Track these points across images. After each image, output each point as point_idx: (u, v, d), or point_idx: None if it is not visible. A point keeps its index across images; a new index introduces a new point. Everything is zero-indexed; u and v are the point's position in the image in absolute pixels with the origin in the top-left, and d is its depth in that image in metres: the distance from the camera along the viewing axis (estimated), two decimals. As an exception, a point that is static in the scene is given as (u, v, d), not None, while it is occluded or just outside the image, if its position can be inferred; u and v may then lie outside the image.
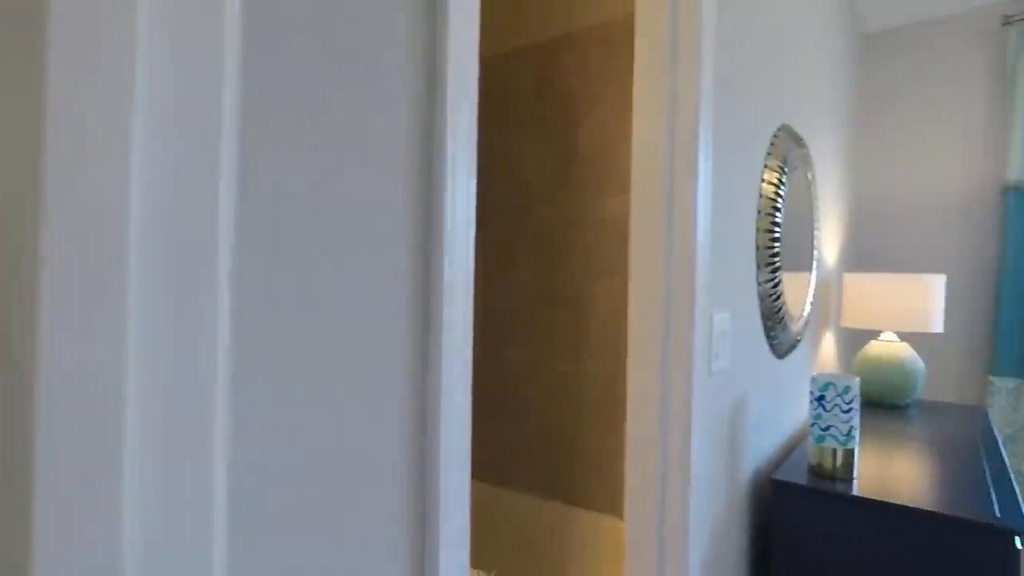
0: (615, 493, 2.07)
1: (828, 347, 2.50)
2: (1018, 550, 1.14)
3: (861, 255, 3.30)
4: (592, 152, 2.16)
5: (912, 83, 3.16)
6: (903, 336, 3.06)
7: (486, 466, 2.50)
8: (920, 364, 2.21)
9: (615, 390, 2.07)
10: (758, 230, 1.45)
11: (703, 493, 1.17)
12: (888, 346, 2.23)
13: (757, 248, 1.45)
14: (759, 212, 1.45)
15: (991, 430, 1.92)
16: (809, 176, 1.87)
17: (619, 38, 2.07)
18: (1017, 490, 1.35)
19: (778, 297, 1.54)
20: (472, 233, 0.57)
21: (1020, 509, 1.20)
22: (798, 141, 1.72)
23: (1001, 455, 1.64)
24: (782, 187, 1.53)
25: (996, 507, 1.22)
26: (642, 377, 1.10)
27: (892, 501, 1.25)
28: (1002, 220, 2.83)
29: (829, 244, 2.48)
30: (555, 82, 2.26)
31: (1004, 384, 2.79)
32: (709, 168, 1.09)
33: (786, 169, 1.56)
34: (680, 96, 1.06)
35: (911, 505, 1.22)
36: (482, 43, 2.51)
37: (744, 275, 1.39)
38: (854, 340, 3.09)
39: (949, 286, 3.03)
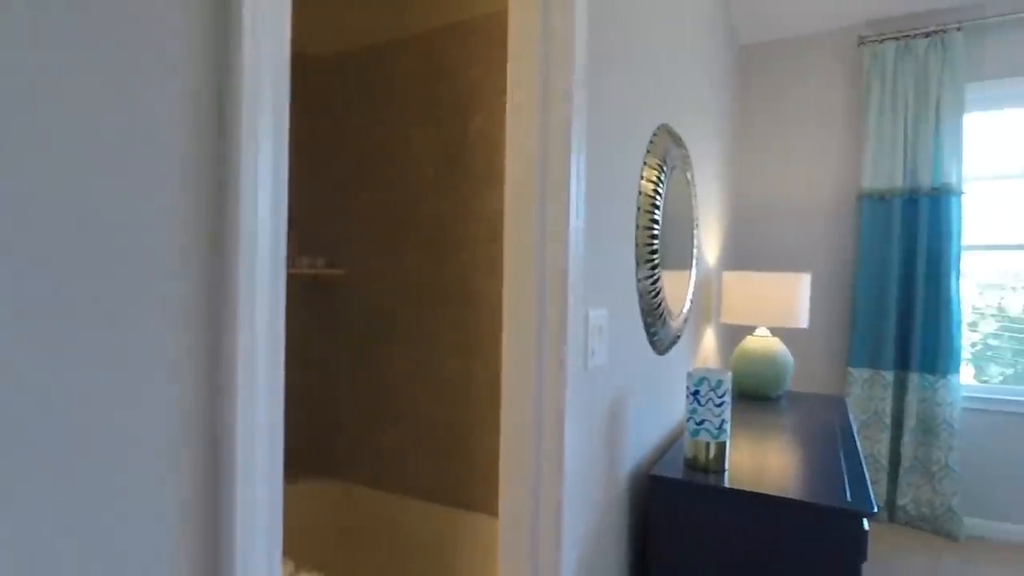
0: (504, 495, 2.02)
1: (709, 342, 2.61)
2: (866, 531, 1.21)
3: (740, 254, 3.49)
4: (484, 146, 2.10)
5: (783, 94, 3.39)
6: (775, 331, 3.28)
7: (372, 472, 2.37)
8: (789, 358, 2.35)
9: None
10: (638, 227, 1.45)
11: (579, 490, 1.14)
12: (762, 341, 2.36)
13: (637, 245, 1.45)
14: (639, 209, 1.46)
15: (848, 418, 2.07)
16: (689, 176, 1.92)
17: (506, 31, 2.03)
18: (867, 475, 1.45)
19: (658, 294, 1.56)
20: (280, 241, 0.48)
21: (868, 494, 1.28)
22: (678, 141, 1.75)
23: (855, 441, 1.76)
24: (661, 185, 1.55)
25: (848, 492, 1.29)
26: (516, 374, 1.05)
27: (758, 491, 1.28)
28: (858, 224, 3.09)
29: (710, 243, 2.58)
30: (445, 73, 2.18)
31: (860, 374, 3.05)
32: (583, 166, 1.06)
33: (665, 168, 1.58)
34: (553, 95, 1.02)
35: (773, 494, 1.27)
36: (364, 30, 2.38)
37: (624, 272, 1.38)
38: (734, 335, 3.26)
39: (813, 284, 3.28)
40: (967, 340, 3.08)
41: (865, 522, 1.22)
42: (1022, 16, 2.78)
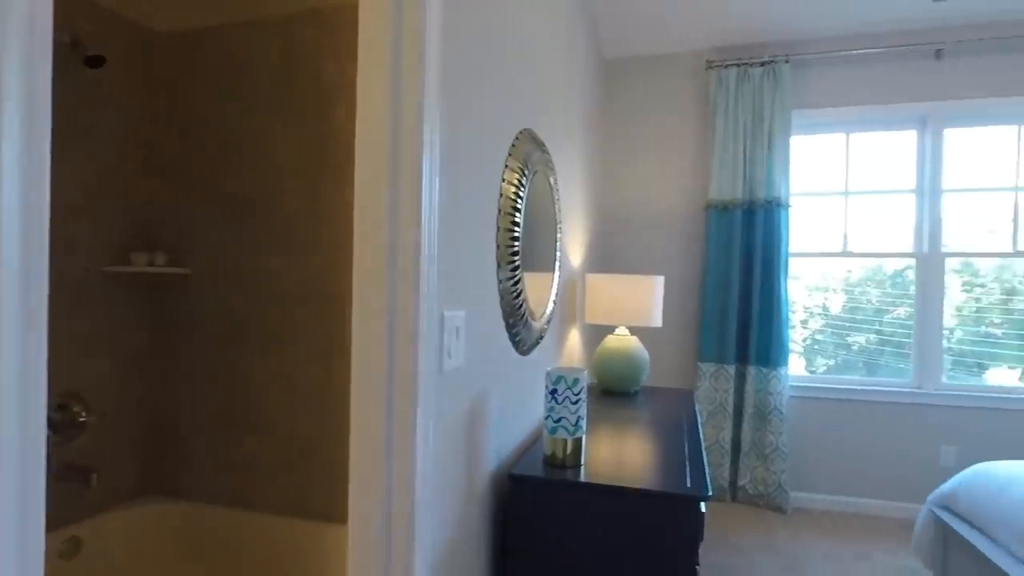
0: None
1: (574, 342, 2.71)
2: (702, 513, 1.31)
3: (604, 257, 3.68)
4: (347, 140, 2.01)
5: (644, 109, 3.62)
6: (633, 330, 3.49)
7: (220, 489, 2.18)
8: (646, 355, 2.51)
9: (367, 395, 1.95)
10: (499, 229, 1.47)
11: (434, 495, 1.12)
12: (621, 340, 2.49)
13: (498, 246, 1.46)
14: (499, 211, 1.47)
15: (694, 410, 2.25)
16: (552, 180, 1.97)
17: (373, 22, 1.96)
18: (705, 462, 1.57)
19: (519, 295, 1.59)
20: (35, 236, 0.41)
21: (705, 479, 1.39)
22: (541, 146, 1.80)
23: (698, 431, 1.91)
24: (523, 188, 1.57)
25: (688, 479, 1.39)
26: (365, 378, 1.01)
27: (609, 483, 1.35)
28: (705, 232, 3.38)
29: (574, 246, 2.69)
30: (305, 61, 2.06)
31: (708, 368, 3.33)
32: (438, 165, 1.04)
33: (527, 171, 1.61)
34: (405, 91, 0.99)
35: (623, 485, 1.33)
36: (218, 7, 2.19)
37: (484, 273, 1.38)
38: (599, 335, 3.42)
39: (667, 286, 3.54)
40: (798, 335, 3.49)
41: (702, 505, 1.32)
42: (837, 55, 3.20)
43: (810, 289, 3.48)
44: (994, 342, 3.23)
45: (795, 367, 3.48)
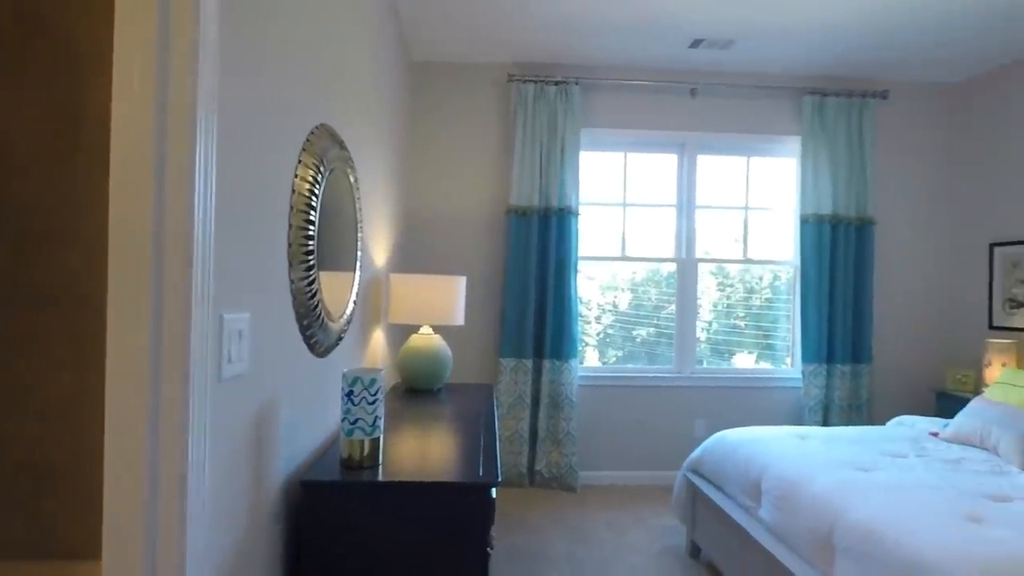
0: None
1: (379, 342, 2.70)
2: (492, 499, 1.41)
3: (410, 257, 3.70)
4: (105, 120, 1.75)
5: (451, 113, 3.72)
6: (437, 329, 3.58)
7: (-70, 540, 1.75)
8: (449, 353, 2.59)
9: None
10: (291, 226, 1.41)
11: (214, 515, 1.04)
12: (425, 339, 2.54)
13: (290, 245, 1.41)
14: (292, 208, 1.41)
15: (493, 403, 2.38)
16: (353, 179, 1.94)
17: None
18: (498, 450, 1.69)
19: (315, 295, 1.54)
20: None
21: (496, 467, 1.49)
22: (339, 143, 1.76)
23: (495, 423, 2.03)
24: (318, 185, 1.53)
25: (480, 468, 1.48)
26: (124, 389, 0.90)
27: (405, 479, 1.37)
28: (506, 235, 3.59)
29: (378, 246, 2.67)
30: (49, 17, 1.75)
31: (508, 363, 3.54)
32: (213, 151, 0.97)
33: (323, 168, 1.57)
34: (174, 57, 0.91)
35: (418, 480, 1.37)
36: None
37: (273, 272, 1.32)
38: (403, 334, 3.43)
39: (471, 286, 3.69)
40: (593, 330, 3.88)
41: (492, 491, 1.42)
42: (618, 82, 3.63)
43: (603, 288, 3.91)
44: (739, 332, 3.95)
45: (591, 358, 3.87)
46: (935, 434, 2.61)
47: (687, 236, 3.81)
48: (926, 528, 1.58)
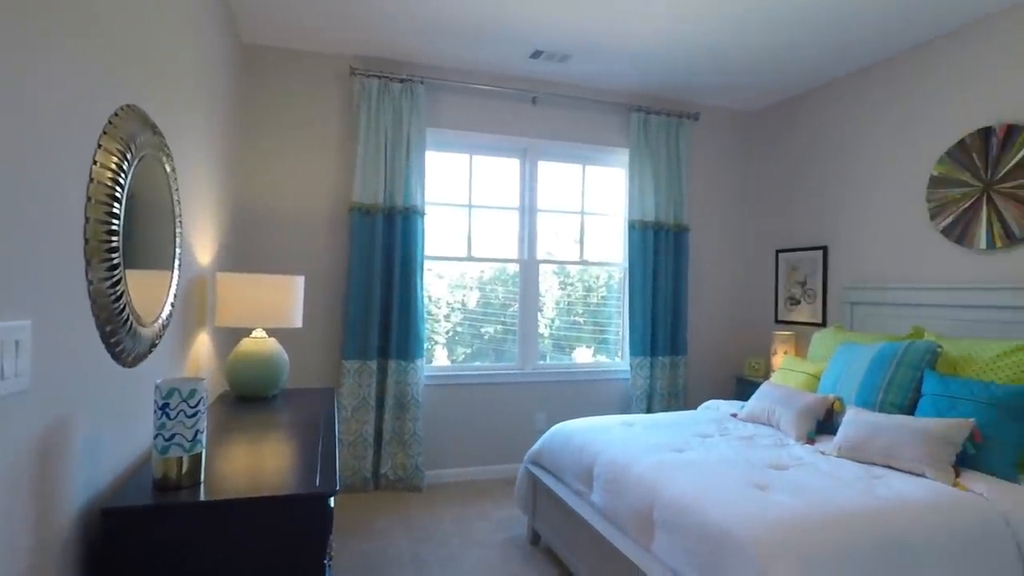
0: None
1: (204, 348, 2.46)
2: (331, 508, 1.35)
3: (242, 256, 3.42)
4: None
5: (289, 103, 3.49)
6: (272, 332, 3.35)
7: None
8: (285, 357, 2.43)
9: None
10: (88, 220, 1.23)
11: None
12: (258, 342, 2.36)
13: (87, 241, 1.23)
14: (90, 199, 1.23)
15: (334, 407, 2.29)
16: (169, 168, 1.75)
17: None
18: (336, 458, 1.63)
19: (120, 297, 1.36)
20: None
21: (334, 476, 1.44)
22: (152, 127, 1.57)
23: (334, 429, 1.96)
24: (124, 174, 1.35)
25: (318, 477, 1.41)
26: None
27: (233, 496, 1.27)
28: (349, 233, 3.47)
29: (203, 243, 2.43)
30: None
31: (352, 366, 3.43)
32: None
33: (131, 155, 1.39)
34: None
35: (246, 496, 1.27)
36: None
37: (66, 273, 1.14)
38: (233, 338, 3.16)
39: (312, 286, 3.51)
40: (442, 328, 3.89)
41: (331, 501, 1.36)
42: (463, 85, 3.68)
43: (452, 287, 3.93)
44: (579, 328, 4.21)
45: (440, 357, 3.88)
46: (735, 415, 3.02)
47: (529, 238, 3.98)
48: (723, 497, 1.82)
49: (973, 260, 2.99)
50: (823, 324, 3.86)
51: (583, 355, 4.25)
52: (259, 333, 2.42)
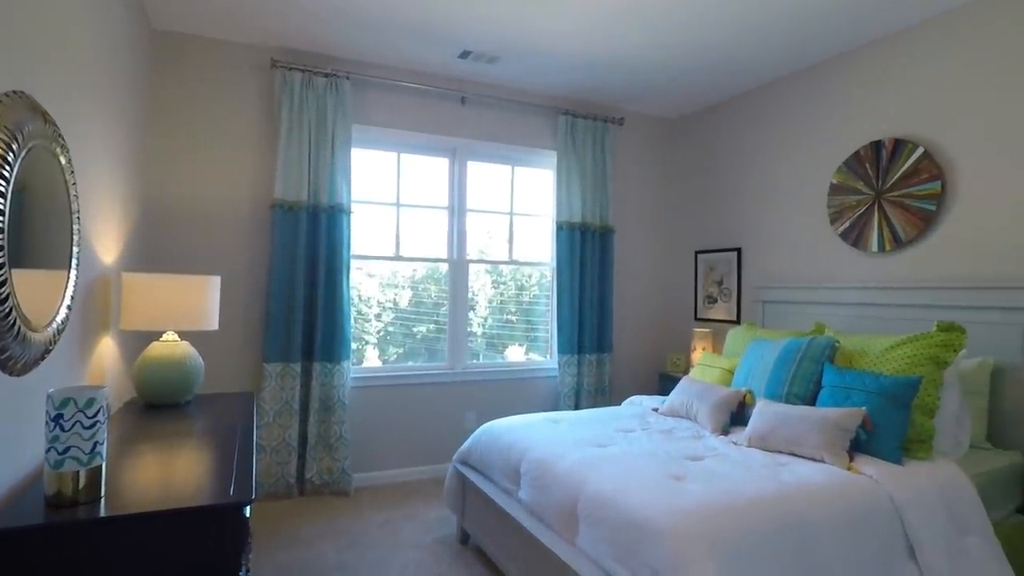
0: None
1: (108, 353, 2.30)
2: (246, 518, 1.30)
3: (151, 254, 3.23)
4: None
5: (204, 94, 3.32)
6: (184, 335, 3.18)
7: None
8: (199, 361, 2.32)
9: None
10: (-33, 215, 1.12)
11: None
12: (168, 346, 2.23)
13: (-34, 239, 1.12)
14: (-31, 192, 1.13)
15: (253, 413, 2.20)
16: (65, 160, 1.62)
17: None
18: (254, 466, 1.57)
19: (5, 299, 1.25)
20: None
21: (251, 485, 1.38)
22: (43, 115, 1.46)
23: (252, 435, 1.88)
24: (8, 167, 1.24)
25: (232, 485, 1.36)
26: None
27: (137, 511, 1.20)
28: (272, 231, 3.34)
29: (106, 241, 2.27)
30: None
31: (274, 369, 3.31)
32: None
33: (16, 146, 1.29)
34: None
35: (150, 510, 1.21)
36: None
37: (-62, 273, 1.04)
38: (142, 342, 2.97)
39: (230, 286, 3.36)
40: (373, 328, 3.81)
41: (247, 510, 1.31)
42: (391, 83, 3.62)
43: (383, 286, 3.87)
44: (511, 327, 4.24)
45: (371, 357, 3.82)
46: (656, 409, 3.15)
47: (458, 237, 3.98)
48: (641, 489, 1.90)
49: (867, 262, 3.25)
50: (738, 321, 4.08)
51: (515, 353, 4.29)
52: (170, 336, 2.29)
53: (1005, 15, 2.67)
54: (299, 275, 3.33)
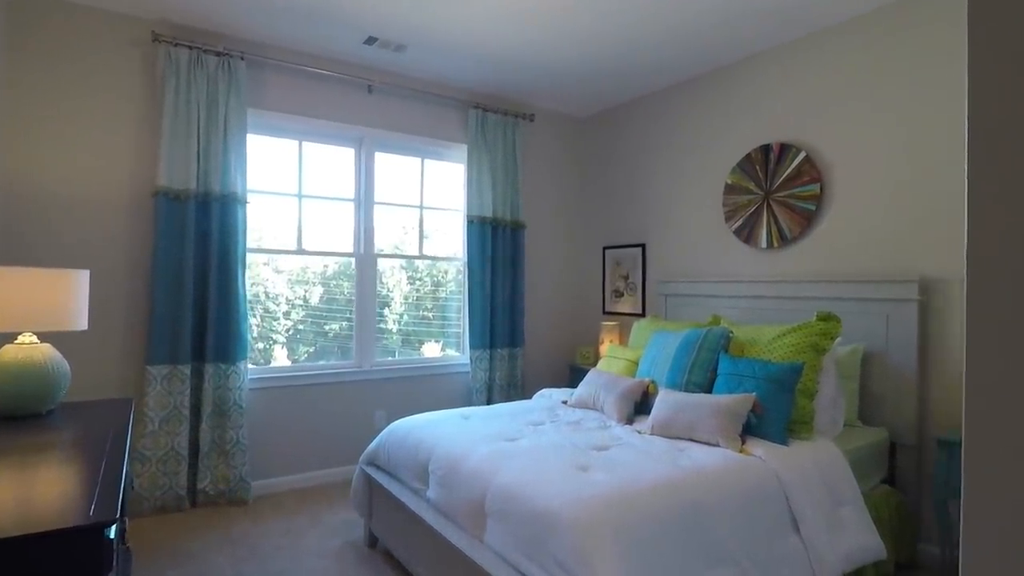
0: None
1: (-51, 359, 2.00)
2: (110, 540, 1.17)
3: (10, 248, 2.86)
4: None
5: (74, 69, 2.98)
6: (46, 336, 2.85)
7: None
8: (64, 365, 2.07)
9: None
10: None
11: None
12: (25, 349, 1.98)
13: None
14: None
15: (128, 421, 2.00)
16: None
17: None
18: (123, 480, 1.41)
19: None
20: None
21: (116, 502, 1.24)
22: None
23: (126, 445, 1.70)
24: None
25: (94, 504, 1.21)
26: None
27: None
28: (154, 221, 3.07)
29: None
30: None
31: (159, 371, 3.04)
32: None
33: None
34: None
35: (-6, 536, 1.05)
36: None
37: None
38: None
39: (106, 283, 3.04)
40: (282, 326, 3.60)
41: (111, 531, 1.18)
42: (291, 66, 3.42)
43: (292, 282, 3.66)
44: (427, 322, 4.15)
45: (280, 356, 3.62)
46: (565, 402, 3.19)
47: (365, 231, 3.84)
48: (547, 482, 1.91)
49: (758, 257, 3.47)
50: (643, 314, 4.23)
51: (432, 349, 4.22)
52: (27, 338, 2.03)
53: (881, 32, 2.93)
54: (188, 270, 3.08)
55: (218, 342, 3.17)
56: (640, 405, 2.88)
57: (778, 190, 3.32)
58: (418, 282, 4.19)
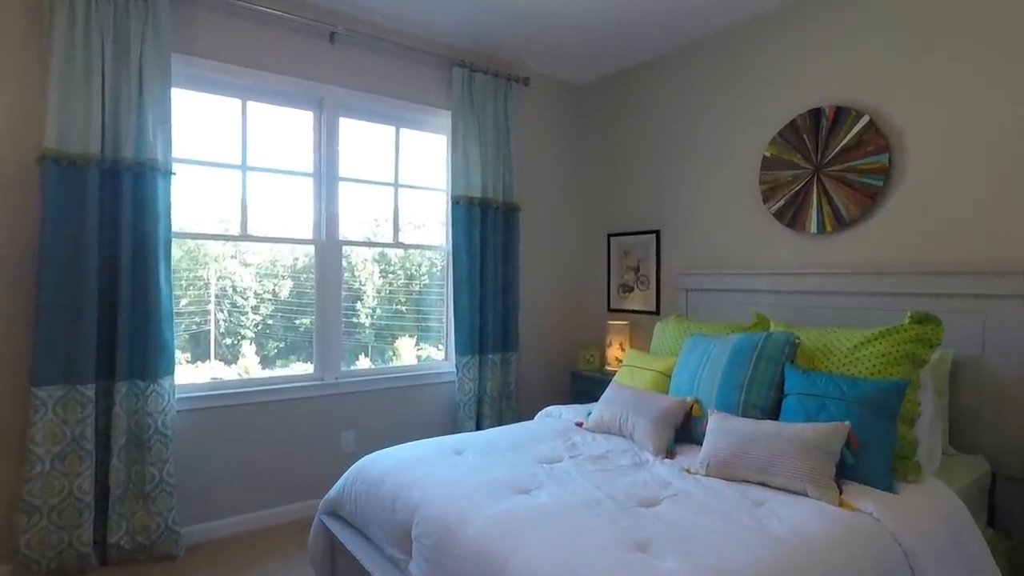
0: None
1: None
2: None
3: None
4: None
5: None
6: None
7: None
8: None
9: None
10: None
11: None
12: None
13: None
14: None
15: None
16: None
17: None
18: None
19: None
20: None
21: None
22: None
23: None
24: None
25: None
26: None
27: None
28: (42, 196, 2.32)
29: None
30: None
31: (51, 394, 2.32)
32: None
33: None
34: None
35: None
36: None
37: None
38: None
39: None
40: (249, 321, 3.07)
41: None
42: (227, 3, 2.70)
43: (260, 275, 3.12)
44: (401, 318, 3.49)
45: (249, 355, 3.05)
46: (580, 424, 2.56)
47: (327, 213, 3.13)
48: (594, 571, 1.27)
49: (805, 244, 2.89)
50: (657, 312, 3.63)
51: (407, 346, 3.56)
52: None
53: (967, -39, 2.35)
54: (89, 259, 2.34)
55: (133, 354, 2.45)
56: (680, 431, 2.26)
57: (832, 163, 2.74)
58: (391, 275, 3.54)
